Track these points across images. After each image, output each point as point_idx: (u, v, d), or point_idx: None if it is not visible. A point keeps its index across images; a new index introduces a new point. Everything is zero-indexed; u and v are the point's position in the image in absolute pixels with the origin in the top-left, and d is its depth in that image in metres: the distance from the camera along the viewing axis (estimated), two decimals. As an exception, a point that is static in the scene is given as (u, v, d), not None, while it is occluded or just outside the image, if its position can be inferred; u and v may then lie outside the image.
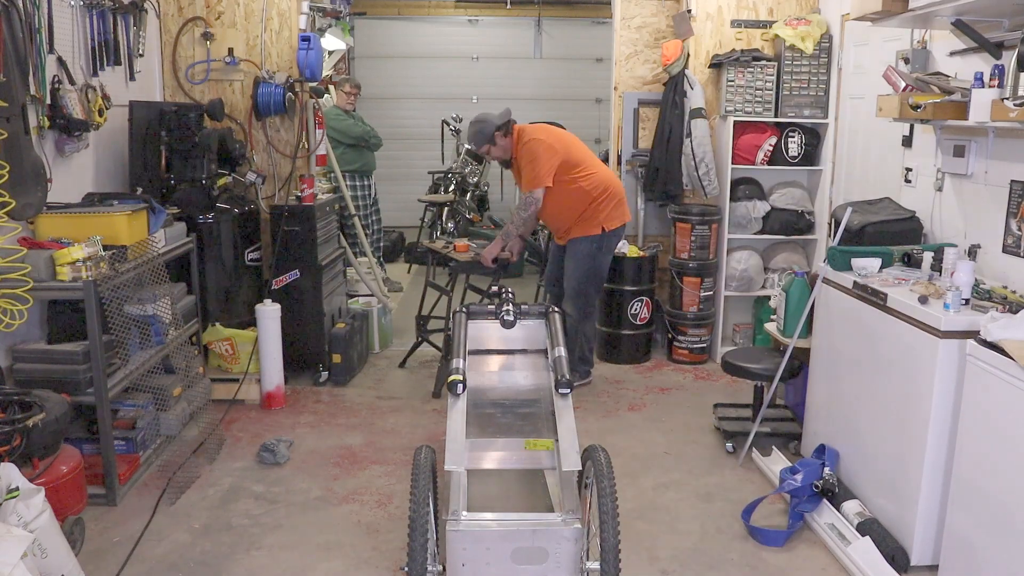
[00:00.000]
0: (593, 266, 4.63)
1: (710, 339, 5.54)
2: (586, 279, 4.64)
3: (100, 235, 3.52)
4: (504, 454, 2.87)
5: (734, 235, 5.35)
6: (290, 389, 4.85)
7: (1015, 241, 3.26)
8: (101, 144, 4.30)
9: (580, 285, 4.64)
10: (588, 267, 4.62)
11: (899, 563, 3.00)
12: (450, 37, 10.12)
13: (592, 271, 4.65)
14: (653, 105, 5.61)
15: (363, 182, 7.06)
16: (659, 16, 5.60)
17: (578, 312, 4.69)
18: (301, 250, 4.86)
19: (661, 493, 3.69)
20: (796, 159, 5.23)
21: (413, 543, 2.27)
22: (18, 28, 3.36)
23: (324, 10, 5.50)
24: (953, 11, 3.19)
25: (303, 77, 5.01)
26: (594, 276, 4.67)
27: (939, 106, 3.38)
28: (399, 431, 4.36)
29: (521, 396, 3.05)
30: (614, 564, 2.28)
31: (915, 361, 3.00)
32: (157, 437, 3.91)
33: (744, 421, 4.22)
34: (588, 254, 4.60)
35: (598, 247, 4.61)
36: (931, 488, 2.96)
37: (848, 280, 3.47)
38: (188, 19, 4.95)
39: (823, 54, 5.10)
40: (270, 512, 3.48)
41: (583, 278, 4.63)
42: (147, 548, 3.17)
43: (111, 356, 3.52)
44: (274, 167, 5.18)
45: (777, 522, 3.42)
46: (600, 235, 4.59)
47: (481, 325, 3.20)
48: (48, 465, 3.01)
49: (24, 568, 2.24)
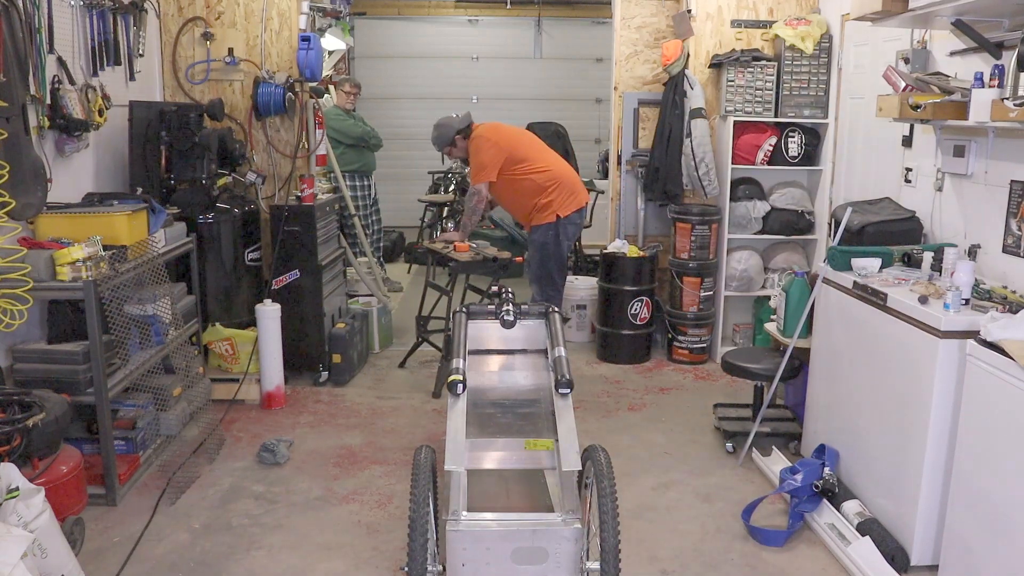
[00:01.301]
0: (551, 251, 4.91)
1: (710, 339, 5.54)
2: (545, 262, 4.95)
3: (100, 235, 3.52)
4: (504, 454, 2.87)
5: (734, 235, 5.35)
6: (290, 389, 4.85)
7: (1015, 241, 3.26)
8: (101, 144, 4.30)
9: (541, 268, 4.95)
10: (546, 252, 4.92)
11: (899, 563, 3.00)
12: (450, 37, 10.13)
13: (550, 255, 4.93)
14: (653, 105, 5.61)
15: (363, 182, 7.06)
16: (659, 16, 5.61)
17: (541, 293, 4.99)
18: (301, 250, 4.86)
19: (661, 493, 3.69)
20: (796, 159, 5.23)
21: (413, 543, 2.27)
22: (18, 28, 3.36)
23: (324, 10, 5.50)
24: (953, 11, 3.19)
25: (303, 77, 5.01)
26: (554, 259, 4.94)
27: (939, 106, 3.38)
28: (399, 431, 4.36)
29: (521, 396, 3.05)
30: (614, 564, 2.28)
31: (915, 361, 3.00)
32: (157, 437, 3.91)
33: (744, 421, 4.22)
34: (545, 240, 4.90)
35: (555, 233, 4.87)
36: (931, 488, 2.96)
37: (848, 280, 3.47)
38: (188, 19, 4.95)
39: (823, 54, 5.10)
40: (270, 512, 3.48)
41: (542, 261, 4.95)
42: (147, 548, 3.17)
43: (111, 356, 3.52)
44: (274, 167, 5.18)
45: (777, 522, 3.42)
46: (555, 222, 4.85)
47: (481, 325, 3.19)
48: (48, 465, 3.01)
49: (24, 568, 2.24)
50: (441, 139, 4.99)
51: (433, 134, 5.02)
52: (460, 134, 4.94)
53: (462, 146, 4.98)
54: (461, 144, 4.97)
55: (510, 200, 5.06)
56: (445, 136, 4.97)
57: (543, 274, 4.96)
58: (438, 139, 5.01)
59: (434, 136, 5.02)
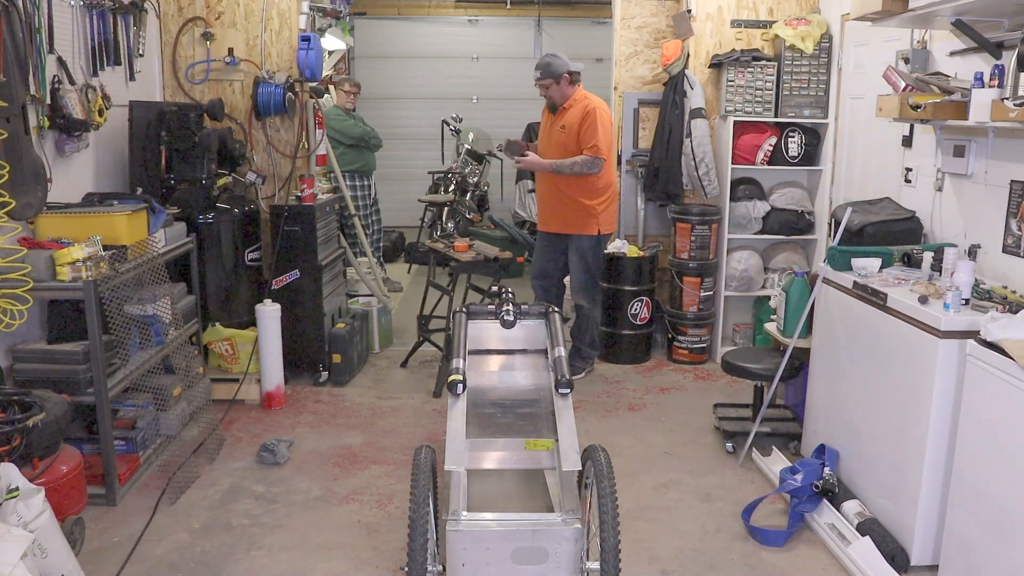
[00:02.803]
0: (594, 260, 5.00)
1: (710, 339, 5.54)
2: (591, 271, 4.99)
3: (100, 235, 3.52)
4: (504, 454, 2.87)
5: (734, 235, 5.35)
6: (290, 389, 4.85)
7: (1015, 241, 3.26)
8: (101, 144, 4.30)
9: (587, 277, 4.97)
10: (589, 261, 4.96)
11: (899, 563, 3.00)
12: (450, 37, 10.12)
13: (594, 264, 5.01)
14: (653, 105, 5.61)
15: (363, 182, 7.06)
16: (659, 16, 5.60)
17: (590, 301, 5.02)
18: (301, 250, 4.86)
19: (661, 493, 3.69)
20: (796, 159, 5.23)
21: (413, 543, 2.27)
22: (18, 28, 3.36)
23: (324, 10, 5.49)
24: (953, 11, 3.19)
25: (303, 77, 5.00)
26: (596, 268, 5.05)
27: (939, 106, 3.38)
28: (399, 431, 4.36)
29: (521, 396, 3.05)
30: (614, 564, 2.29)
31: (915, 361, 3.00)
32: (157, 437, 3.91)
33: (744, 421, 4.22)
34: (589, 249, 4.92)
35: (596, 242, 4.94)
36: (931, 488, 2.96)
37: (848, 280, 3.47)
38: (188, 19, 4.95)
39: (823, 54, 5.10)
40: (270, 512, 3.48)
41: (589, 270, 4.97)
42: (147, 548, 3.17)
43: (111, 356, 3.52)
44: (274, 167, 5.18)
45: (777, 522, 3.42)
46: (597, 235, 4.92)
47: (481, 325, 3.20)
48: (48, 465, 3.01)
49: (24, 568, 2.24)
50: (549, 68, 4.68)
51: (542, 61, 4.73)
52: (570, 76, 4.69)
53: (564, 89, 4.71)
54: (565, 87, 4.71)
55: (560, 186, 4.81)
56: (555, 67, 4.67)
57: (589, 282, 4.98)
58: (546, 67, 4.69)
59: (542, 63, 4.72)
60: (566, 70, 4.67)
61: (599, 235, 4.90)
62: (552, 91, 4.75)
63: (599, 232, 4.88)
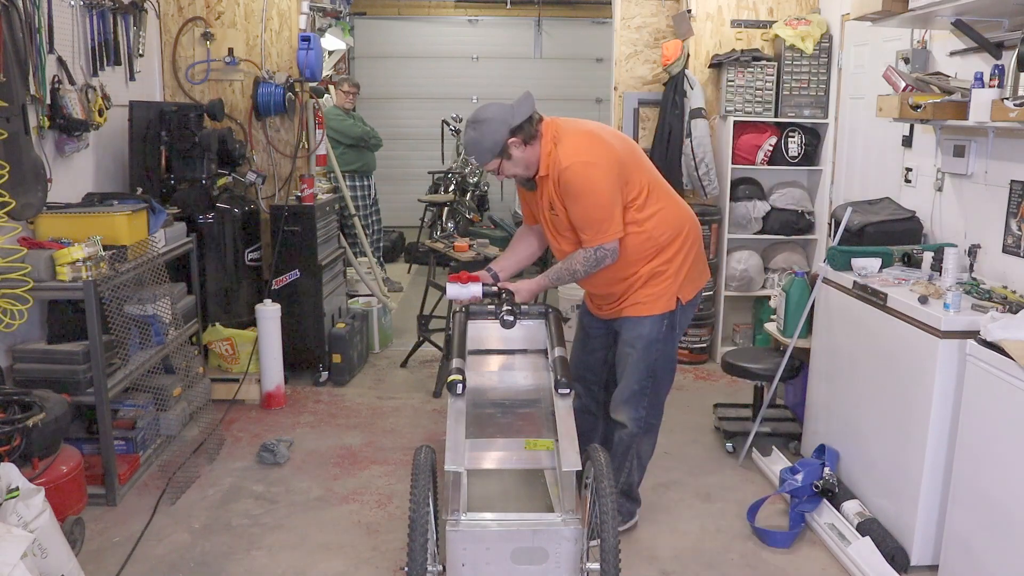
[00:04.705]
0: (663, 354, 3.11)
1: (710, 339, 5.54)
2: (653, 374, 3.12)
3: (100, 235, 3.52)
4: (504, 454, 2.86)
5: (734, 235, 5.35)
6: (290, 389, 4.85)
7: (1015, 241, 3.26)
8: (101, 144, 4.30)
9: (644, 383, 3.12)
10: (655, 358, 3.09)
11: (899, 563, 3.00)
12: (450, 37, 10.12)
13: (660, 362, 3.12)
14: (653, 105, 5.61)
15: (363, 182, 7.06)
16: (659, 16, 5.60)
17: (638, 423, 3.16)
18: (301, 250, 4.86)
19: (661, 493, 3.69)
20: (796, 159, 5.23)
21: (413, 543, 2.26)
22: (18, 28, 3.36)
23: (324, 10, 5.49)
24: (953, 11, 3.19)
25: (303, 77, 5.00)
26: (663, 367, 3.15)
27: (939, 106, 3.38)
28: (399, 431, 4.36)
29: (521, 396, 3.04)
30: (614, 564, 2.28)
31: (915, 361, 3.00)
32: (157, 437, 3.91)
33: (744, 421, 4.22)
34: (655, 339, 3.07)
35: (669, 325, 3.08)
36: (931, 488, 2.96)
37: (848, 280, 3.47)
38: (188, 19, 4.95)
39: (823, 54, 5.10)
40: (270, 512, 3.48)
41: (648, 372, 3.10)
42: (147, 548, 3.17)
43: (111, 356, 3.52)
44: (274, 167, 5.18)
45: (778, 522, 3.42)
46: (673, 311, 3.08)
47: (481, 325, 3.19)
48: (48, 465, 3.01)
49: (24, 568, 2.24)
50: (482, 147, 2.89)
51: (466, 138, 2.93)
52: (518, 136, 2.88)
53: (521, 156, 2.92)
54: (520, 154, 2.91)
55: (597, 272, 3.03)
56: (494, 140, 2.86)
57: (646, 386, 3.13)
58: (477, 146, 2.89)
59: (470, 141, 2.91)
60: (507, 132, 2.85)
61: (677, 308, 3.08)
62: (507, 169, 2.96)
63: (678, 303, 3.08)
